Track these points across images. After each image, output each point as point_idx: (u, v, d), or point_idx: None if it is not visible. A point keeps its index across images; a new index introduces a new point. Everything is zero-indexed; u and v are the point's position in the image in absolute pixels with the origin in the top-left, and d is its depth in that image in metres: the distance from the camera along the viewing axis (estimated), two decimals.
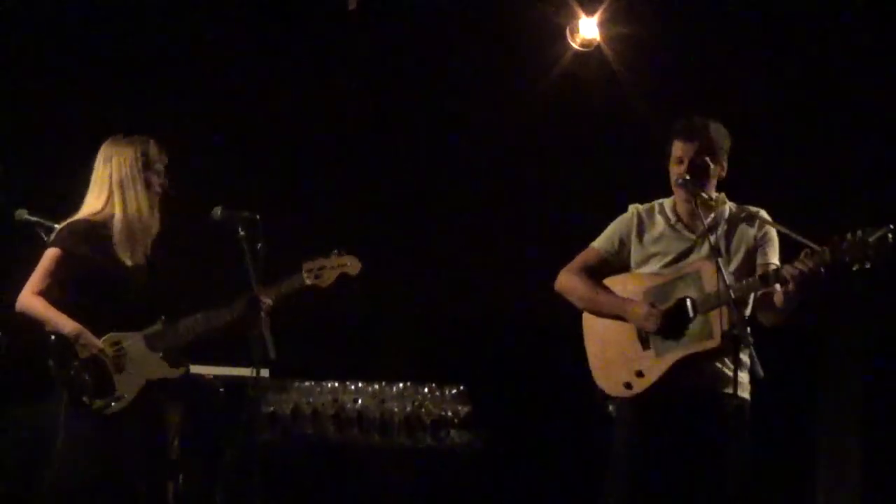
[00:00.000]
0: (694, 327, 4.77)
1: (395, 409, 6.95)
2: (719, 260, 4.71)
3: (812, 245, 4.56)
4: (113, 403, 4.94)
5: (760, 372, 4.41)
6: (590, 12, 7.44)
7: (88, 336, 4.96)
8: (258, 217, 5.01)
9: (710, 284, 4.73)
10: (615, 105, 7.49)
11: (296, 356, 5.44)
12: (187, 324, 5.07)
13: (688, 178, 4.81)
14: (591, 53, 7.54)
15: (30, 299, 4.99)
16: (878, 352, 7.54)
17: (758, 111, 7.49)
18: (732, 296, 4.60)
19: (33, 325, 4.97)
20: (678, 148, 4.92)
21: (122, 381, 4.97)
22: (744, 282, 4.75)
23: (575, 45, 7.51)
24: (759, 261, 4.89)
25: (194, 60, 7.60)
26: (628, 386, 4.89)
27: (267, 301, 5.03)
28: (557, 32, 7.51)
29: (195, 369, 5.59)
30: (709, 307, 4.72)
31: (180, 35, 7.57)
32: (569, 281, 5.05)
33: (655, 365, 4.83)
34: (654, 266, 4.96)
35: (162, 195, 5.18)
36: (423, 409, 6.95)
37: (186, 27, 7.57)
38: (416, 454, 6.99)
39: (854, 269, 4.48)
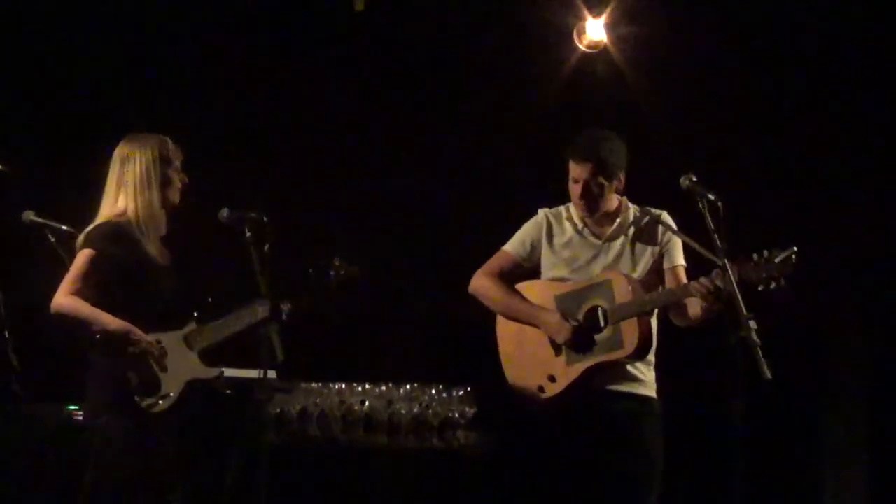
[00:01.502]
0: (604, 336, 4.91)
1: (403, 411, 6.95)
2: (627, 272, 4.92)
3: (711, 256, 4.62)
4: (160, 402, 4.90)
5: (767, 373, 4.44)
6: (596, 14, 7.45)
7: (138, 332, 4.90)
8: (265, 218, 4.98)
9: (620, 295, 4.87)
10: (622, 106, 7.47)
11: (303, 358, 5.48)
12: (219, 324, 5.06)
13: (695, 178, 4.78)
14: (598, 55, 7.56)
15: (68, 300, 4.89)
16: (884, 350, 7.52)
17: (764, 111, 7.49)
18: (647, 308, 4.85)
19: (71, 325, 4.88)
20: (573, 169, 5.03)
21: (167, 380, 4.93)
22: (656, 294, 4.91)
23: (582, 47, 7.53)
24: (665, 265, 5.04)
25: (201, 62, 7.60)
26: (541, 389, 5.04)
27: (286, 308, 5.10)
28: (564, 34, 7.53)
29: None
30: (619, 317, 4.87)
31: (187, 37, 7.57)
32: (483, 285, 5.17)
33: (567, 371, 4.97)
34: (563, 271, 5.09)
35: (183, 191, 5.14)
36: (430, 411, 6.94)
37: (193, 29, 7.56)
38: (423, 455, 6.99)
39: (760, 288, 4.56)
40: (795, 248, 4.59)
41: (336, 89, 7.76)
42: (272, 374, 5.18)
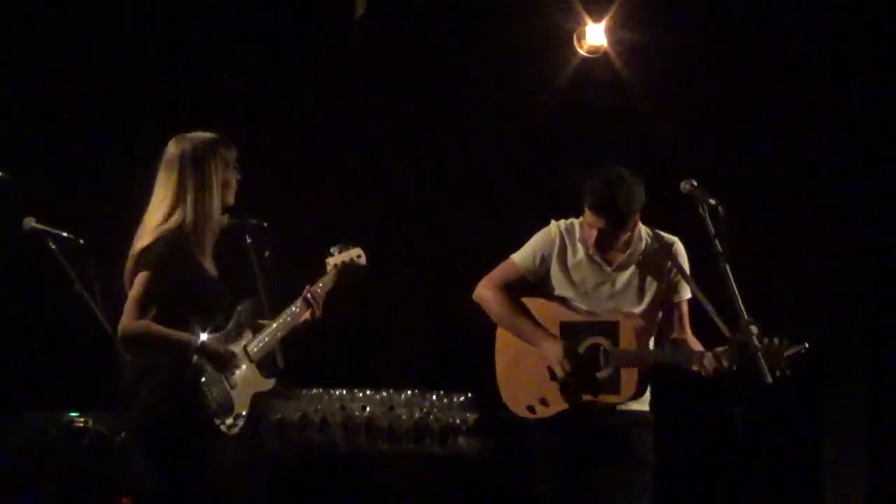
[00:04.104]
0: (602, 376, 4.89)
1: (404, 417, 6.90)
2: (635, 312, 4.89)
3: (720, 323, 4.59)
4: (237, 422, 4.65)
5: (768, 377, 4.46)
6: (597, 18, 7.44)
7: (230, 349, 4.69)
8: (266, 225, 4.92)
9: (625, 341, 4.85)
10: (622, 111, 7.52)
11: (304, 364, 5.38)
12: (270, 331, 4.82)
13: (695, 183, 4.75)
14: (598, 59, 7.55)
15: (137, 324, 4.57)
16: (884, 355, 7.54)
17: (764, 116, 7.51)
18: (648, 363, 4.86)
19: (144, 348, 4.61)
20: (589, 216, 4.97)
21: (237, 397, 4.67)
22: (660, 353, 4.94)
23: (582, 52, 7.53)
24: (674, 300, 5.03)
25: (202, 67, 7.55)
26: (531, 409, 5.02)
27: (318, 292, 4.95)
28: (565, 39, 7.52)
29: None
30: (619, 363, 4.85)
31: (187, 42, 7.52)
32: (488, 296, 5.11)
33: (559, 399, 4.95)
34: (569, 292, 5.04)
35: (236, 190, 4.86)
36: (431, 417, 6.90)
37: (193, 34, 7.53)
38: (424, 461, 6.94)
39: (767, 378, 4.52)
40: (806, 345, 4.59)
41: (336, 95, 7.73)
42: (272, 379, 5.03)
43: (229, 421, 4.63)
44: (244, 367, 4.73)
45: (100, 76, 7.37)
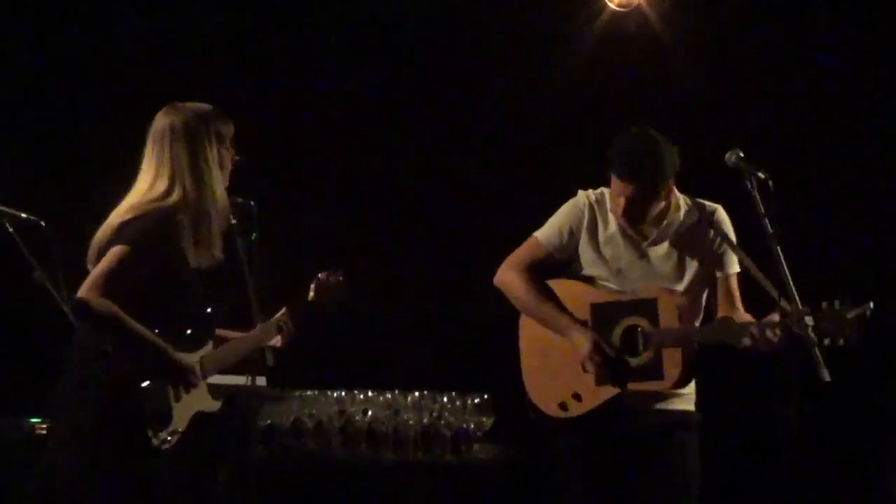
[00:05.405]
0: (641, 361, 4.74)
1: (411, 422, 6.62)
2: (674, 288, 4.74)
3: (771, 290, 4.41)
4: (170, 437, 4.45)
5: (826, 376, 4.24)
6: None
7: (198, 373, 4.53)
8: (253, 204, 4.67)
9: (665, 319, 4.69)
10: (656, 70, 7.31)
11: (297, 362, 5.14)
12: (227, 348, 4.67)
13: (742, 154, 4.52)
14: (631, 13, 7.42)
15: (105, 301, 4.27)
16: None
17: (814, 74, 7.24)
18: (692, 342, 4.67)
19: (99, 329, 4.36)
20: (615, 183, 4.79)
21: (178, 412, 4.49)
22: (706, 329, 4.76)
23: (612, 5, 7.41)
24: (718, 274, 4.86)
25: (188, 50, 7.36)
26: (563, 407, 4.86)
27: (291, 325, 4.82)
28: None
29: None
30: (660, 344, 4.69)
31: (174, 22, 7.36)
32: (512, 279, 4.95)
33: (595, 392, 4.80)
34: (601, 270, 4.88)
35: (233, 172, 4.69)
36: (441, 421, 6.63)
37: (181, 15, 7.38)
38: (435, 471, 6.68)
39: (825, 343, 4.32)
40: (871, 305, 4.34)
41: (347, 54, 7.59)
42: (261, 380, 4.90)
43: (162, 434, 4.43)
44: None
45: (67, 47, 7.21)
